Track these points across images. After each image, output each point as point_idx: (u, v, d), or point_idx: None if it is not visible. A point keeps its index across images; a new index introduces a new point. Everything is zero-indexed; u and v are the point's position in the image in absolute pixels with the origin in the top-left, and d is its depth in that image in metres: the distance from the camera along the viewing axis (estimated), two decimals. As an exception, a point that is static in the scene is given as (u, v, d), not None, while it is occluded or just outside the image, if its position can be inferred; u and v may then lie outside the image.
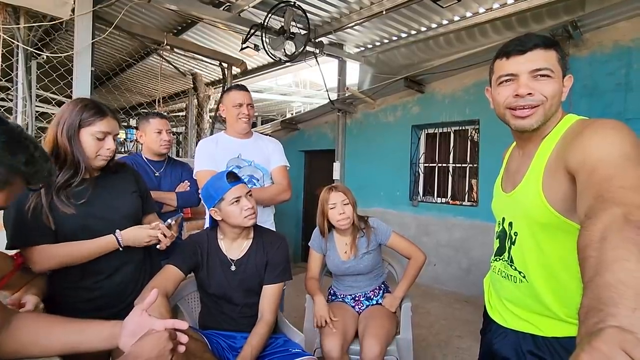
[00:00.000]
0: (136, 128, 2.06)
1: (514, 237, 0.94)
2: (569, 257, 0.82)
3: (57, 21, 2.59)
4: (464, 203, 4.09)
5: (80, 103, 1.21)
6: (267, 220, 1.88)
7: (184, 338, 0.85)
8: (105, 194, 1.27)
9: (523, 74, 0.84)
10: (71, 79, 2.65)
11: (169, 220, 1.30)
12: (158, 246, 1.28)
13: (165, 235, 1.27)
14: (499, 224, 1.02)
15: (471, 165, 4.06)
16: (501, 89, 0.89)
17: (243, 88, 1.90)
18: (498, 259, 1.01)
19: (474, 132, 4.04)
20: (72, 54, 2.64)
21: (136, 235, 1.25)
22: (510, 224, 0.96)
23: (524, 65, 0.84)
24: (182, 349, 0.85)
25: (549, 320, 0.87)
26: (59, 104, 3.25)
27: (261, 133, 2.17)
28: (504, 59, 0.88)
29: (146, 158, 2.00)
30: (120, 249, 1.24)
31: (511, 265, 0.95)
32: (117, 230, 1.23)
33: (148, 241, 1.26)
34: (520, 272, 0.92)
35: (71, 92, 2.63)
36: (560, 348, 0.85)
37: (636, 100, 2.91)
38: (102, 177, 1.29)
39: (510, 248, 0.95)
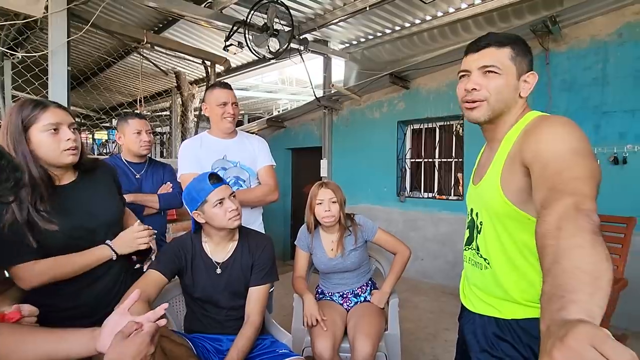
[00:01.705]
0: (117, 129, 2.01)
1: (480, 226, 1.00)
2: (523, 246, 0.89)
3: (30, 19, 2.50)
4: (450, 197, 4.14)
5: (16, 105, 1.13)
6: (255, 221, 1.85)
7: (162, 322, 0.85)
8: (84, 199, 1.22)
9: (474, 70, 0.92)
10: (46, 79, 2.56)
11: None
12: (140, 266, 1.27)
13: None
14: (469, 214, 1.08)
15: (456, 159, 4.12)
16: (459, 84, 0.98)
17: (227, 86, 1.84)
18: (468, 248, 1.07)
19: (458, 127, 4.09)
20: (47, 53, 2.55)
21: (124, 240, 1.22)
22: (477, 214, 1.01)
23: (475, 62, 0.92)
24: (163, 322, 0.85)
25: (509, 304, 0.93)
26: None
27: (247, 132, 2.13)
28: (464, 56, 0.97)
29: (126, 160, 1.95)
30: (114, 258, 1.21)
31: (478, 253, 1.00)
32: (108, 241, 1.21)
33: (139, 244, 1.24)
34: (485, 259, 0.98)
35: (47, 92, 2.55)
36: (518, 328, 0.91)
37: (612, 94, 2.99)
38: (78, 181, 1.23)
39: (476, 237, 1.01)
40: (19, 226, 1.07)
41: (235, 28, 3.53)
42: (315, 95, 4.61)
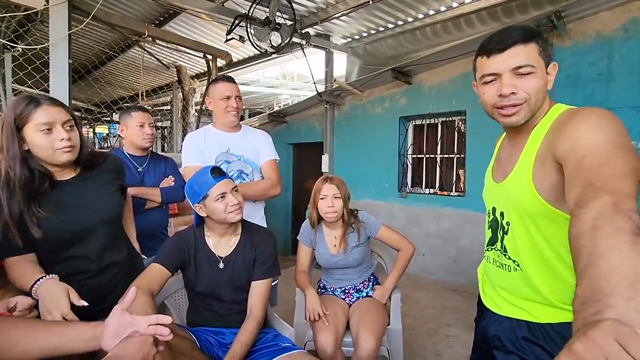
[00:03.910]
0: (118, 123, 2.00)
1: (506, 227, 0.95)
2: (559, 245, 0.84)
3: (30, 11, 2.48)
4: (451, 193, 4.13)
5: (11, 102, 1.10)
6: (257, 215, 1.86)
7: (164, 331, 0.83)
8: (80, 196, 1.20)
9: (505, 72, 0.83)
10: (48, 72, 2.55)
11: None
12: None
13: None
14: (490, 213, 1.03)
15: (458, 155, 4.10)
16: (486, 89, 0.88)
17: (230, 79, 1.84)
18: (491, 249, 1.02)
19: (460, 122, 4.07)
20: (48, 45, 2.54)
21: (47, 297, 1.04)
22: (502, 213, 0.96)
23: (504, 63, 0.83)
24: (169, 337, 0.84)
25: (543, 307, 0.88)
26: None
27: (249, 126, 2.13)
28: (484, 57, 0.87)
29: (128, 153, 1.94)
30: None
31: (505, 255, 0.96)
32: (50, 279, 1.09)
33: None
34: (514, 261, 0.93)
35: (48, 85, 2.53)
36: (554, 333, 0.86)
37: (617, 90, 2.97)
38: (77, 177, 1.22)
39: (503, 238, 0.96)
40: (8, 223, 1.06)
41: (237, 22, 3.51)
42: (316, 90, 4.60)
